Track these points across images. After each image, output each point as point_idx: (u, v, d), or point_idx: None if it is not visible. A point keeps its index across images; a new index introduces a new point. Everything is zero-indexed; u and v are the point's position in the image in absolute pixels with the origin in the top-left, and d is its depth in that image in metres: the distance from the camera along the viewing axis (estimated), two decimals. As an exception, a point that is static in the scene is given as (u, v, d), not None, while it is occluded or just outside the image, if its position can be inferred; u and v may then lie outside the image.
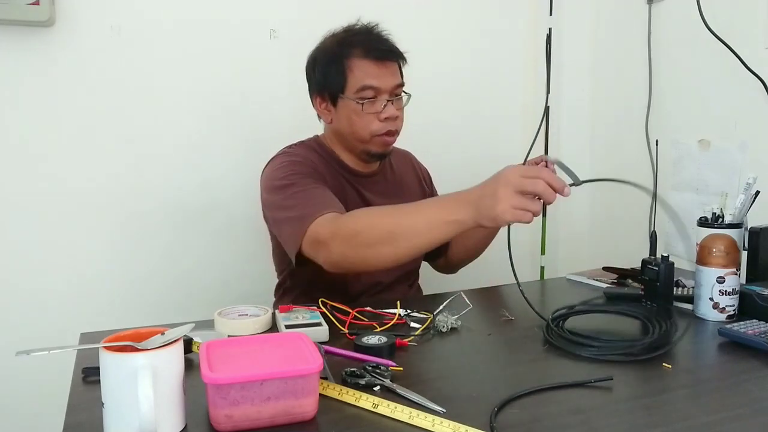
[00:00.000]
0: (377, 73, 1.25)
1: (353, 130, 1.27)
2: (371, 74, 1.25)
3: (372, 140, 1.27)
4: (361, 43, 1.26)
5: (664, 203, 1.52)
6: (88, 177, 1.54)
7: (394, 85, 1.27)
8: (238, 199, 1.68)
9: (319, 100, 1.32)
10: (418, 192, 1.46)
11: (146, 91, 1.58)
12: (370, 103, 1.25)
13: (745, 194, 1.11)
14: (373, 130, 1.26)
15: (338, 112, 1.29)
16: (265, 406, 0.70)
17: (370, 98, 1.25)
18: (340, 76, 1.26)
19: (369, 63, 1.25)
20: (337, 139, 1.34)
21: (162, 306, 1.61)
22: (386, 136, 1.28)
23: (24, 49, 1.46)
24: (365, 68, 1.25)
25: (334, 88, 1.27)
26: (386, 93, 1.26)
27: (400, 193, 1.39)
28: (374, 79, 1.24)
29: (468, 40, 1.92)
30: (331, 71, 1.27)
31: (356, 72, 1.25)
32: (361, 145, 1.29)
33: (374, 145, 1.29)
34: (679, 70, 1.67)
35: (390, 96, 1.27)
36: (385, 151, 1.32)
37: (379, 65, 1.26)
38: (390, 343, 0.93)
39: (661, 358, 0.91)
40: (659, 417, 0.75)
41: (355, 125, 1.26)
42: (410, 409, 0.74)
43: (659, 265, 1.10)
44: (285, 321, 1.02)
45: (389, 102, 1.26)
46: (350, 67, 1.25)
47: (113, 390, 0.67)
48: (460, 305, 1.11)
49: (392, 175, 1.42)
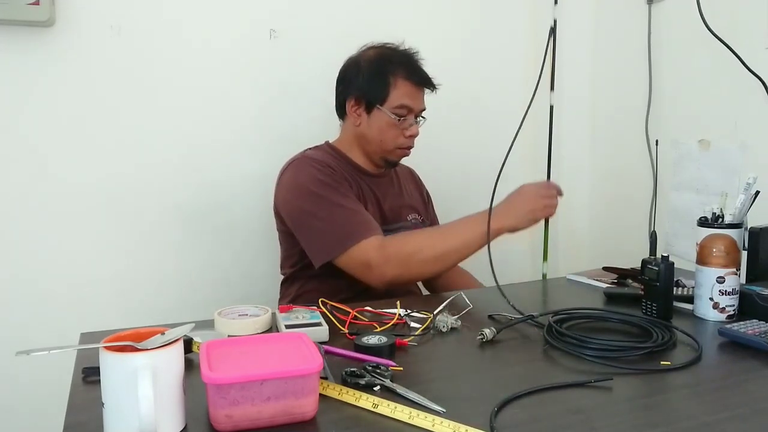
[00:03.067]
0: (415, 95, 1.41)
1: (382, 139, 1.41)
2: (410, 95, 1.40)
3: (394, 151, 1.43)
4: (406, 64, 1.42)
5: None
6: (88, 177, 1.54)
7: (422, 109, 1.44)
8: (239, 199, 1.69)
9: (354, 102, 1.43)
10: (419, 200, 1.59)
11: (146, 91, 1.58)
12: (403, 119, 1.40)
13: (745, 194, 1.11)
14: (399, 143, 1.42)
15: (371, 119, 1.41)
16: (265, 406, 0.70)
17: (404, 116, 1.40)
18: (384, 89, 1.39)
19: (411, 85, 1.40)
20: (357, 141, 1.46)
21: (162, 306, 1.61)
22: (406, 150, 1.44)
23: (24, 49, 1.46)
24: (407, 89, 1.40)
25: (374, 97, 1.40)
26: (415, 114, 1.43)
27: (402, 194, 1.53)
28: (412, 100, 1.40)
29: (468, 41, 1.93)
30: (374, 82, 1.40)
31: (399, 89, 1.39)
32: (382, 153, 1.44)
33: (394, 155, 1.44)
34: (679, 70, 1.68)
35: (416, 118, 1.44)
36: (399, 161, 1.49)
37: (418, 89, 1.42)
38: (390, 343, 0.93)
39: (660, 358, 0.91)
40: (659, 417, 0.75)
41: (384, 135, 1.41)
42: (410, 409, 0.74)
43: (659, 265, 1.10)
44: (285, 321, 1.02)
45: (416, 122, 1.43)
46: (395, 84, 1.39)
47: (113, 390, 0.67)
48: (460, 305, 1.11)
49: (396, 179, 1.56)
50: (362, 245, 1.26)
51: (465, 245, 1.27)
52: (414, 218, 1.51)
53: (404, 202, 1.51)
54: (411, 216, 1.50)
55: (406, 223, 1.48)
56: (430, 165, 1.72)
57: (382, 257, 1.25)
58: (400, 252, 1.27)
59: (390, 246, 1.27)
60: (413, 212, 1.51)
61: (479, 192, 1.95)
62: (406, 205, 1.51)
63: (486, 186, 1.97)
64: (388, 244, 1.27)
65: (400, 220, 1.47)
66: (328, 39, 1.73)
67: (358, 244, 1.26)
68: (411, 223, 1.49)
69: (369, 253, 1.25)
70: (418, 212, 1.53)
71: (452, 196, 1.86)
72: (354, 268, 1.28)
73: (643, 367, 0.90)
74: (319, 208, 1.30)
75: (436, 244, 1.28)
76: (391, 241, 1.28)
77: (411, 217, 1.50)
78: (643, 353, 0.93)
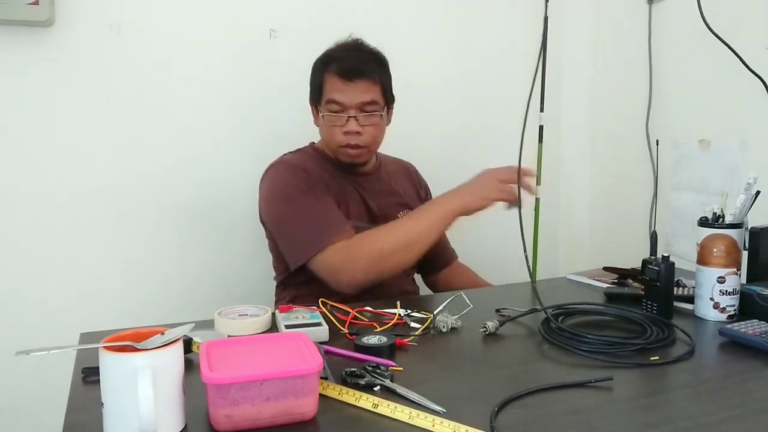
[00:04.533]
0: (343, 89, 1.35)
1: (324, 138, 1.42)
2: (337, 89, 1.35)
3: (338, 150, 1.38)
4: (338, 60, 1.37)
5: None
6: (87, 177, 1.54)
7: (359, 102, 1.35)
8: (239, 199, 1.68)
9: (312, 107, 1.45)
10: (413, 196, 1.54)
11: (146, 91, 1.58)
12: (334, 116, 1.35)
13: (745, 194, 1.11)
14: (337, 140, 1.37)
15: (320, 119, 1.41)
16: (265, 406, 0.70)
17: (335, 112, 1.35)
18: (319, 87, 1.38)
19: (337, 79, 1.35)
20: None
21: (162, 306, 1.61)
22: (349, 149, 1.37)
23: (24, 49, 1.46)
24: (333, 83, 1.36)
25: (315, 99, 1.41)
26: (352, 108, 1.35)
27: (392, 193, 1.49)
28: (340, 94, 1.34)
29: (467, 41, 1.92)
30: (314, 83, 1.41)
31: (327, 86, 1.37)
32: (333, 153, 1.41)
33: (341, 155, 1.39)
34: (679, 70, 1.67)
35: (356, 112, 1.35)
36: (353, 161, 1.40)
37: (346, 82, 1.35)
38: (390, 343, 0.92)
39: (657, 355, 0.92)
40: (659, 417, 0.75)
41: (325, 134, 1.41)
42: (410, 409, 0.74)
43: (659, 265, 1.10)
44: (285, 321, 1.02)
45: (352, 118, 1.35)
46: (325, 81, 1.37)
47: (113, 390, 0.67)
48: (460, 305, 1.11)
49: (386, 176, 1.52)
50: (328, 251, 1.24)
51: (426, 230, 1.25)
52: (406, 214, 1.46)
53: (394, 200, 1.47)
54: (403, 213, 1.45)
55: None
56: (429, 164, 1.72)
57: (347, 260, 1.23)
58: (364, 249, 1.24)
59: (354, 245, 1.24)
60: (405, 209, 1.46)
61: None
62: (396, 203, 1.47)
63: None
64: (353, 244, 1.25)
65: (390, 217, 1.42)
66: (328, 39, 1.73)
67: (324, 251, 1.24)
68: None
69: (333, 258, 1.24)
70: (410, 206, 1.47)
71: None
72: (323, 274, 1.27)
73: (637, 362, 0.90)
74: (291, 212, 1.31)
75: (398, 234, 1.25)
76: (357, 240, 1.26)
77: (402, 214, 1.44)
78: (636, 349, 0.94)
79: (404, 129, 1.54)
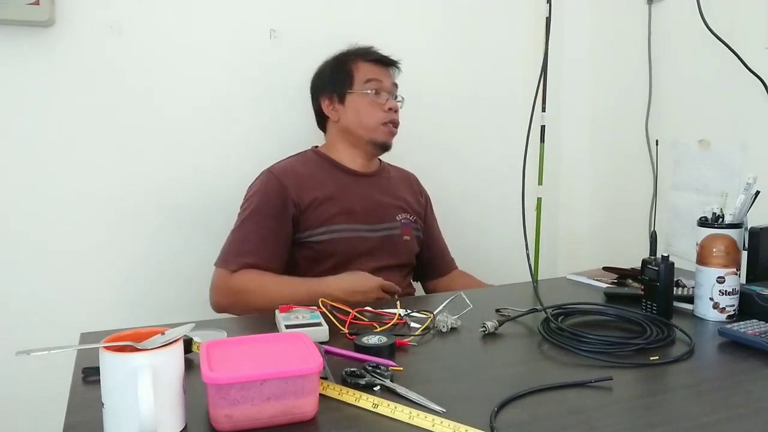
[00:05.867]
0: (378, 71, 1.49)
1: (361, 119, 1.46)
2: (374, 71, 1.48)
3: (378, 129, 1.46)
4: (361, 52, 1.51)
5: None
6: (87, 177, 1.54)
7: (392, 83, 1.50)
8: (239, 199, 1.68)
9: (327, 102, 1.50)
10: (413, 202, 1.57)
11: (146, 91, 1.58)
12: (377, 94, 1.46)
13: (745, 194, 1.11)
14: (379, 117, 1.45)
15: (346, 107, 1.47)
16: (265, 406, 0.70)
17: (376, 90, 1.46)
18: (347, 75, 1.47)
19: (370, 64, 1.49)
20: (342, 138, 1.50)
21: (162, 306, 1.61)
22: (391, 125, 1.47)
23: (24, 49, 1.46)
24: (368, 67, 1.48)
25: (341, 86, 1.47)
26: (387, 90, 1.48)
27: (396, 194, 1.54)
28: (377, 74, 1.47)
29: (466, 40, 1.92)
30: (338, 74, 1.49)
31: (361, 70, 1.48)
32: (367, 135, 1.46)
33: (380, 133, 1.46)
34: (679, 70, 1.68)
35: (389, 94, 1.48)
36: (388, 141, 1.49)
37: (379, 66, 1.50)
38: (390, 343, 0.92)
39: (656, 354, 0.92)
40: (659, 417, 0.75)
41: (363, 115, 1.46)
42: (410, 409, 0.74)
43: (659, 265, 1.10)
44: (285, 321, 1.02)
45: (391, 97, 1.48)
46: (355, 68, 1.48)
47: (113, 390, 0.67)
48: (460, 305, 1.11)
49: (388, 180, 1.56)
50: (220, 270, 1.35)
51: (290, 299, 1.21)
52: (405, 218, 1.51)
53: (394, 203, 1.51)
54: (401, 216, 1.50)
55: (395, 223, 1.48)
56: (429, 165, 1.72)
57: (221, 286, 1.33)
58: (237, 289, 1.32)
59: (233, 281, 1.33)
60: (403, 212, 1.51)
61: (479, 192, 1.97)
62: (395, 206, 1.51)
63: (485, 186, 1.98)
64: (233, 279, 1.33)
65: (387, 219, 1.47)
66: (328, 39, 1.73)
67: (218, 269, 1.36)
68: (401, 222, 1.49)
69: (216, 279, 1.35)
70: (408, 212, 1.53)
71: (452, 193, 1.87)
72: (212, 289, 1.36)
73: (637, 362, 0.90)
74: (238, 220, 1.42)
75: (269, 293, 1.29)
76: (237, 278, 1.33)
77: (401, 217, 1.50)
78: (636, 349, 0.94)
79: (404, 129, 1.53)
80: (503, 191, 1.92)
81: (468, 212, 1.93)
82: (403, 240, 1.48)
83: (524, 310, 1.11)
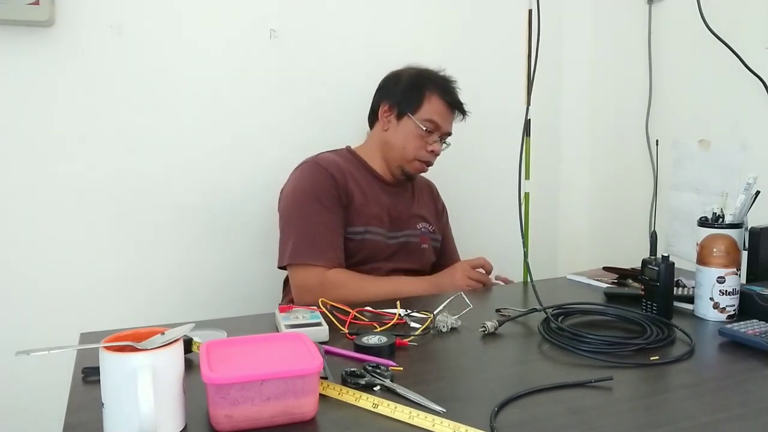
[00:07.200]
0: (445, 115, 1.48)
1: (405, 146, 1.47)
2: (441, 114, 1.47)
3: (413, 162, 1.48)
4: (443, 86, 1.49)
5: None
6: (88, 177, 1.54)
7: (448, 130, 1.50)
8: (240, 199, 1.68)
9: (387, 107, 1.49)
10: (432, 211, 1.60)
11: (146, 90, 1.58)
12: (429, 134, 1.46)
13: (745, 194, 1.11)
14: (420, 155, 1.47)
15: (399, 126, 1.47)
16: (265, 406, 0.70)
17: (431, 131, 1.46)
18: (418, 100, 1.46)
19: (443, 104, 1.47)
20: (380, 148, 1.51)
21: (162, 306, 1.61)
22: (424, 164, 1.49)
23: (24, 49, 1.46)
24: (438, 105, 1.47)
25: (406, 106, 1.46)
26: (441, 133, 1.48)
27: (415, 204, 1.56)
28: (441, 118, 1.47)
29: (466, 42, 1.92)
30: (410, 92, 1.47)
31: (432, 103, 1.46)
32: (401, 161, 1.48)
33: (412, 167, 1.49)
34: (679, 70, 1.68)
35: (441, 138, 1.49)
36: (415, 175, 1.53)
37: (449, 110, 1.49)
38: (390, 343, 0.93)
39: (656, 355, 0.92)
40: (659, 417, 0.75)
41: (408, 144, 1.46)
42: (410, 409, 0.74)
43: (659, 265, 1.10)
44: (285, 321, 1.01)
45: (440, 141, 1.49)
46: (429, 99, 1.46)
47: (113, 390, 0.67)
48: (460, 305, 1.11)
49: (411, 189, 1.59)
50: (309, 270, 1.33)
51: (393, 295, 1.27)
52: (424, 227, 1.54)
53: (415, 212, 1.54)
54: (421, 225, 1.53)
55: (415, 231, 1.51)
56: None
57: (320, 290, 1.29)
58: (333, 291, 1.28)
59: (329, 281, 1.32)
60: (423, 221, 1.54)
61: (479, 192, 1.97)
62: (416, 215, 1.54)
63: (485, 186, 1.98)
64: (328, 279, 1.32)
65: (408, 227, 1.50)
66: (328, 39, 1.73)
67: (305, 267, 1.34)
68: (420, 231, 1.52)
69: (310, 280, 1.33)
70: (429, 222, 1.56)
71: (453, 193, 1.86)
72: (293, 284, 1.36)
73: (637, 362, 0.90)
74: (296, 216, 1.38)
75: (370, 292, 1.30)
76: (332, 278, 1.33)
77: (421, 226, 1.53)
78: (636, 349, 0.94)
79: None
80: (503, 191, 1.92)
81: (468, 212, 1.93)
82: (421, 248, 1.51)
83: (524, 310, 1.11)
